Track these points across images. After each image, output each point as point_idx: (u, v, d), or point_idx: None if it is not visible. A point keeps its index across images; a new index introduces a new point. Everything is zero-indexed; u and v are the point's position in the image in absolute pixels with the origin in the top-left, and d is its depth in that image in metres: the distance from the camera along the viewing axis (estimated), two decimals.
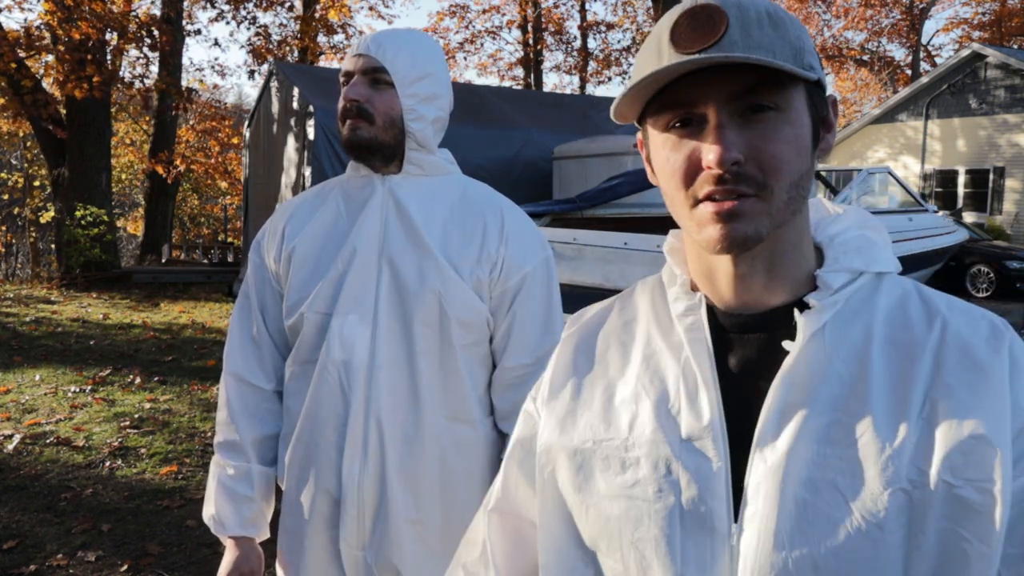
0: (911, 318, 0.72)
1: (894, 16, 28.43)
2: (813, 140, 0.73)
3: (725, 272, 0.75)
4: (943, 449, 0.65)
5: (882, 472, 0.65)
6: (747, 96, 0.68)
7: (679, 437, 0.73)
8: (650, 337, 0.81)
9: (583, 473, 0.78)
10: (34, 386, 5.96)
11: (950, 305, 0.73)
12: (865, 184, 9.65)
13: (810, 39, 0.72)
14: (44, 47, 11.40)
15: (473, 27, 25.06)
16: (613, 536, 0.76)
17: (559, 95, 12.42)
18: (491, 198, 1.51)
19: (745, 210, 0.68)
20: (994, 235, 15.74)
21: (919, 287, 0.76)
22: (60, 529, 3.56)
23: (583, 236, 5.43)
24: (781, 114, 0.69)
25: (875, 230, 0.78)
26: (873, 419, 0.67)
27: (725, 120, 0.68)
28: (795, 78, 0.68)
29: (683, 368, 0.76)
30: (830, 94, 0.75)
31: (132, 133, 21.85)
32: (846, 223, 0.78)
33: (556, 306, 1.52)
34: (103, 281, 11.91)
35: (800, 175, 0.70)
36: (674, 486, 0.72)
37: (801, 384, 0.70)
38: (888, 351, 0.70)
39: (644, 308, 0.84)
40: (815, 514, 0.67)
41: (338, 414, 1.43)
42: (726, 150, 0.67)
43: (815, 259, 0.77)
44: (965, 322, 0.71)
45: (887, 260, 0.76)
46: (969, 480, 0.64)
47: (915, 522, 0.65)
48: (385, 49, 1.41)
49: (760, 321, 0.75)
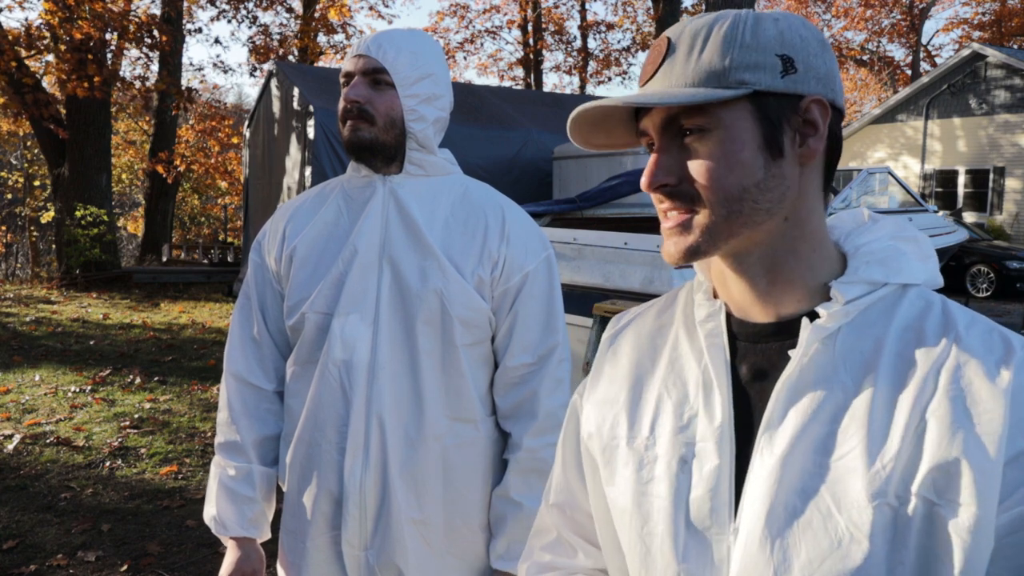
0: (925, 333, 0.71)
1: (894, 16, 28.43)
2: (770, 149, 0.72)
3: (732, 280, 0.78)
4: (928, 466, 0.65)
5: (871, 485, 0.66)
6: (676, 121, 0.73)
7: (693, 439, 0.77)
8: (678, 341, 0.84)
9: (609, 468, 0.84)
10: (34, 386, 5.96)
11: (970, 322, 0.72)
12: (865, 184, 9.65)
13: (769, 47, 0.71)
14: (45, 46, 11.40)
15: (473, 27, 25.07)
16: (624, 529, 0.81)
17: (559, 95, 12.41)
18: (492, 198, 1.51)
19: (686, 226, 0.74)
20: (994, 235, 15.75)
21: (946, 302, 0.75)
22: (60, 529, 3.56)
23: (583, 236, 5.42)
24: (707, 134, 0.72)
25: (909, 241, 0.77)
26: (869, 432, 0.68)
27: (665, 144, 0.75)
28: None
29: (702, 372, 0.79)
30: (814, 97, 0.72)
31: (132, 133, 21.85)
32: (878, 233, 0.78)
33: (558, 305, 1.51)
34: (103, 281, 11.91)
35: (740, 188, 0.71)
36: (684, 485, 0.76)
37: (804, 391, 0.71)
38: (896, 364, 0.70)
39: (678, 312, 0.87)
40: (804, 522, 0.68)
41: (339, 414, 1.43)
42: (652, 175, 0.74)
43: (839, 268, 0.77)
44: (979, 341, 0.70)
45: (914, 272, 0.75)
46: (951, 501, 0.64)
47: (899, 537, 0.66)
48: (385, 50, 1.41)
49: (772, 329, 0.76)
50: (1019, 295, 11.44)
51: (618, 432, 0.83)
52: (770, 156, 0.72)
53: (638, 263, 5.07)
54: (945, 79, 18.12)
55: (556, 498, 0.96)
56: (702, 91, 0.71)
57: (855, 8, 28.40)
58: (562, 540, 0.95)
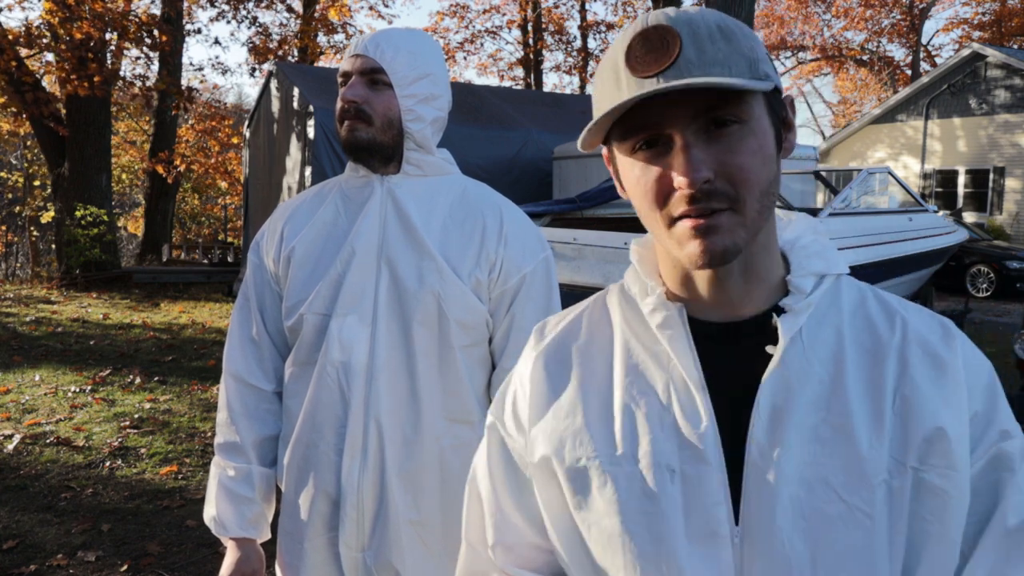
0: (872, 319, 0.77)
1: (894, 16, 28.42)
2: (778, 144, 0.74)
3: (703, 281, 0.76)
4: (913, 439, 0.71)
5: (868, 465, 0.70)
6: (709, 112, 0.69)
7: (677, 446, 0.74)
8: (629, 349, 0.80)
9: (580, 493, 0.77)
10: (34, 386, 5.96)
11: (903, 305, 0.79)
12: (865, 184, 9.65)
13: (762, 46, 0.73)
14: (45, 46, 11.40)
15: (473, 27, 25.05)
16: (617, 552, 0.75)
17: (559, 95, 12.41)
18: (490, 198, 1.51)
19: (722, 224, 0.69)
20: (994, 235, 15.75)
21: (872, 288, 0.81)
22: (60, 529, 3.56)
23: (583, 236, 5.43)
24: (744, 126, 0.70)
25: (824, 234, 0.82)
26: (855, 417, 0.71)
27: (691, 139, 0.69)
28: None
29: (672, 378, 0.76)
30: (787, 95, 0.76)
31: (132, 133, 21.84)
32: (800, 229, 0.82)
33: (556, 306, 1.51)
34: (103, 281, 11.91)
35: (768, 182, 0.72)
36: (676, 496, 0.73)
37: (786, 386, 0.72)
38: (858, 351, 0.74)
39: (616, 319, 0.83)
40: (810, 511, 0.70)
41: (337, 415, 1.43)
42: (695, 171, 0.68)
43: (784, 265, 0.79)
44: (921, 322, 0.77)
45: (841, 262, 0.79)
46: (933, 466, 0.70)
47: (895, 509, 0.70)
48: (383, 49, 1.40)
49: (741, 329, 0.76)
50: (1019, 295, 11.44)
51: (583, 452, 0.77)
52: (778, 151, 0.74)
53: None
54: (945, 79, 18.11)
55: (496, 538, 0.86)
56: (750, 80, 0.68)
57: (855, 8, 28.39)
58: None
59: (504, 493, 0.86)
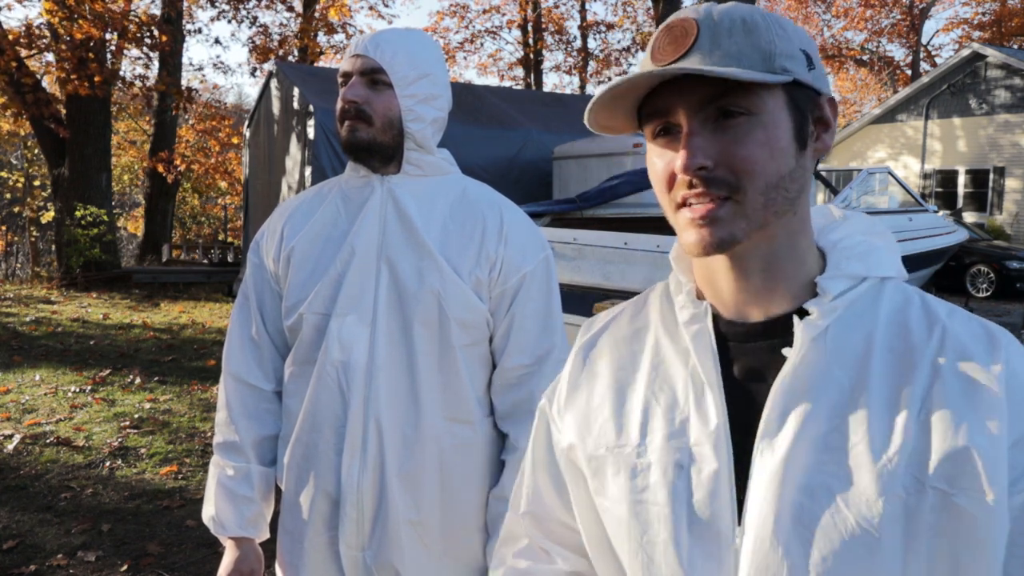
0: (911, 325, 0.73)
1: (894, 16, 28.42)
2: (799, 140, 0.73)
3: (725, 278, 0.77)
4: (938, 457, 0.66)
5: (878, 479, 0.67)
6: (717, 102, 0.70)
7: (687, 443, 0.75)
8: (659, 344, 0.82)
9: (598, 478, 0.81)
10: (34, 386, 5.96)
11: (951, 313, 0.74)
12: (865, 184, 9.65)
13: (792, 41, 0.72)
14: (45, 46, 11.40)
15: (473, 27, 25.06)
16: (623, 539, 0.79)
17: (559, 95, 12.41)
18: (490, 198, 1.51)
19: (720, 214, 0.71)
20: (994, 235, 15.75)
21: (923, 295, 0.77)
22: (60, 529, 3.56)
23: (583, 236, 5.43)
24: (752, 117, 0.70)
25: (880, 235, 0.79)
26: (870, 427, 0.68)
27: (696, 127, 0.71)
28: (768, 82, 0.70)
29: (691, 375, 0.78)
30: (827, 94, 0.75)
31: (132, 133, 21.84)
32: (850, 228, 0.80)
33: (556, 306, 1.51)
34: (103, 281, 11.91)
35: (778, 176, 0.71)
36: (683, 491, 0.74)
37: (801, 390, 0.71)
38: (888, 358, 0.71)
39: (654, 315, 0.85)
40: (812, 519, 0.68)
41: (337, 415, 1.43)
42: (691, 156, 0.70)
43: (819, 265, 0.77)
44: (965, 330, 0.72)
45: (891, 265, 0.77)
46: (963, 489, 0.65)
47: (911, 528, 0.66)
48: (383, 49, 1.40)
49: (763, 329, 0.76)
50: (1019, 295, 11.44)
51: (604, 441, 0.81)
52: (799, 147, 0.73)
53: (638, 263, 5.07)
54: (945, 79, 18.11)
55: (528, 507, 0.93)
56: (758, 72, 0.69)
57: (855, 8, 28.39)
58: (536, 547, 0.93)
59: (541, 471, 0.92)
